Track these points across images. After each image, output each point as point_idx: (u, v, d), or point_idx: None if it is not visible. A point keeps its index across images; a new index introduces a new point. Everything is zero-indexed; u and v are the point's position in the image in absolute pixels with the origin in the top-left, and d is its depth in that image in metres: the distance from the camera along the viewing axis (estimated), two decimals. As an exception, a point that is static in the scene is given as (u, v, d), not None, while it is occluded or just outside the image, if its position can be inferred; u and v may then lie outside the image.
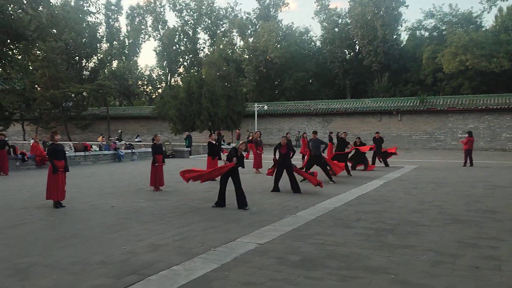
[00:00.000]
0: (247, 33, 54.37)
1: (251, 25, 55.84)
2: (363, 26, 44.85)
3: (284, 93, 48.20)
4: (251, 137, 19.34)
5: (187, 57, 59.65)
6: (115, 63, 57.75)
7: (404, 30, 48.89)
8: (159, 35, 59.01)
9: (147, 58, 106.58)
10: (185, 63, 59.64)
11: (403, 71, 45.62)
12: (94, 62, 56.62)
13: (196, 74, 39.06)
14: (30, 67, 36.22)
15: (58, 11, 16.21)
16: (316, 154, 12.62)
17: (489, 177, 14.08)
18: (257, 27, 52.64)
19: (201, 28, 59.10)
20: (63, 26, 15.38)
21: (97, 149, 22.61)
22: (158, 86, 61.31)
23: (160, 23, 59.44)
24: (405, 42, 48.23)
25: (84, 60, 54.63)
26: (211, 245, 5.76)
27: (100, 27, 55.38)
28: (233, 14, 57.60)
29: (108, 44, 58.07)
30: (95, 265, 4.94)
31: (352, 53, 50.70)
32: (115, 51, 57.82)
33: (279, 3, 55.12)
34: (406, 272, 4.68)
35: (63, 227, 6.94)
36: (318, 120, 37.43)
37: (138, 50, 60.64)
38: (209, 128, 34.47)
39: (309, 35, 54.91)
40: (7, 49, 13.00)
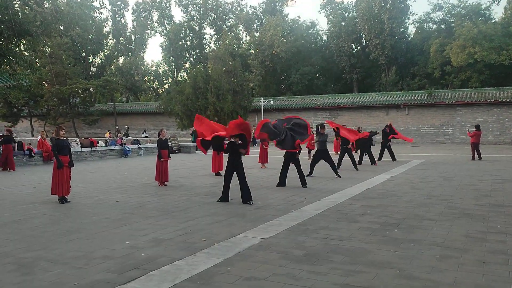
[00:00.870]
0: (253, 28, 54.15)
1: (257, 20, 55.60)
2: (370, 20, 44.43)
3: (291, 88, 48.01)
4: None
5: (193, 53, 59.61)
6: (122, 59, 57.93)
7: (412, 23, 48.37)
8: (165, 31, 58.98)
9: (153, 54, 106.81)
10: (191, 59, 59.62)
11: (411, 65, 45.19)
12: (101, 58, 56.85)
13: (202, 69, 39.00)
14: (38, 64, 36.39)
15: (63, 7, 16.26)
16: (323, 149, 12.55)
17: (498, 171, 13.90)
18: (263, 22, 52.41)
19: (207, 23, 58.98)
20: (68, 22, 15.41)
21: (104, 145, 22.68)
22: (165, 82, 61.41)
23: (166, 19, 59.40)
24: (413, 35, 47.73)
25: (91, 56, 54.87)
26: (215, 240, 5.72)
27: (107, 23, 55.57)
28: (239, 9, 57.39)
29: (115, 40, 58.21)
30: (98, 260, 4.93)
31: (359, 47, 50.32)
32: (122, 47, 57.96)
33: (285, -3, 54.82)
34: (412, 267, 4.61)
35: (68, 222, 6.95)
36: (325, 115, 37.23)
37: (144, 46, 60.76)
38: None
39: (316, 29, 54.59)
40: (13, 45, 13.05)
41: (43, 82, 40.77)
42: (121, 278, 4.33)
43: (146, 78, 58.48)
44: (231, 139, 8.71)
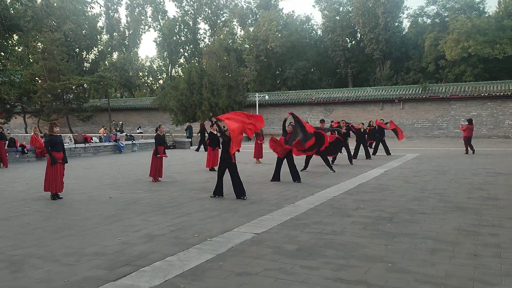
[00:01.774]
0: (248, 23, 53.94)
1: (252, 14, 55.38)
2: (365, 14, 44.37)
3: (286, 83, 47.94)
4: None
5: (188, 48, 59.33)
6: (116, 55, 57.53)
7: (406, 17, 48.37)
8: (159, 26, 58.64)
9: (148, 49, 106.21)
10: (186, 54, 59.34)
11: (405, 59, 45.22)
12: (95, 54, 56.44)
13: (197, 65, 38.81)
14: (30, 59, 36.08)
15: (55, 2, 16.05)
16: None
17: (492, 164, 13.96)
18: (258, 16, 52.20)
19: (201, 18, 58.67)
20: (60, 17, 15.25)
21: (98, 141, 22.56)
22: (159, 77, 61.13)
23: (160, 14, 59.04)
24: (407, 30, 47.74)
25: (85, 52, 54.47)
26: (207, 235, 5.69)
27: (100, 18, 55.12)
28: (233, 4, 57.15)
29: (108, 36, 57.79)
30: (90, 256, 4.89)
31: (354, 41, 50.27)
32: (115, 43, 57.57)
33: (280, -8, 54.61)
34: (404, 261, 4.61)
35: (60, 219, 6.89)
36: (320, 110, 37.23)
37: (138, 41, 60.38)
38: (210, 119, 34.36)
39: (310, 24, 54.46)
40: (3, 40, 12.89)
41: (36, 78, 40.44)
42: (112, 275, 4.29)
43: (141, 74, 58.18)
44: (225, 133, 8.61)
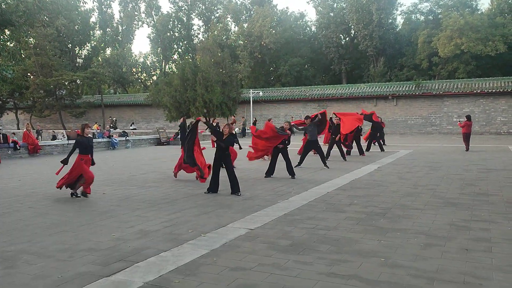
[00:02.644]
0: (242, 19, 53.80)
1: (246, 10, 55.24)
2: (359, 10, 44.43)
3: (280, 79, 47.94)
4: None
5: (181, 44, 59.09)
6: (109, 50, 57.18)
7: (400, 14, 48.61)
8: (153, 22, 58.32)
9: (141, 45, 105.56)
10: (179, 50, 59.11)
11: (399, 56, 45.38)
12: (88, 50, 56.02)
13: (191, 61, 38.68)
14: (22, 55, 35.73)
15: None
16: (313, 139, 12.60)
17: (483, 161, 14.08)
18: (252, 13, 52.09)
19: (195, 14, 58.44)
20: (52, 12, 15.14)
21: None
22: (153, 73, 60.84)
23: (154, 9, 58.71)
24: (401, 26, 47.91)
25: (77, 48, 54.03)
26: (202, 231, 5.71)
27: (93, 14, 54.72)
28: (227, 0, 56.96)
29: (101, 31, 57.40)
30: (83, 252, 4.88)
31: (348, 38, 50.35)
32: (109, 38, 57.20)
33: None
34: (397, 256, 4.65)
35: (53, 215, 6.86)
36: (314, 106, 37.29)
37: (132, 37, 60.05)
38: (204, 115, 34.30)
39: (304, 20, 54.46)
40: (-5, 36, 12.83)
41: (28, 74, 40.08)
42: (106, 270, 4.29)
43: (134, 70, 57.86)
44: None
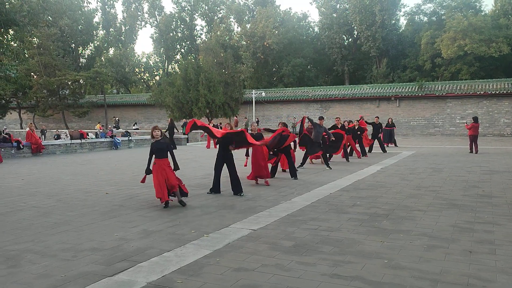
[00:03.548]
0: (245, 19, 53.83)
1: (249, 11, 55.27)
2: (362, 11, 44.40)
3: (282, 80, 47.94)
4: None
5: (184, 44, 59.16)
6: (112, 50, 57.28)
7: (403, 15, 48.51)
8: (156, 22, 58.40)
9: (144, 45, 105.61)
10: (182, 50, 59.17)
11: (402, 57, 45.33)
12: (91, 50, 56.16)
13: (193, 61, 38.72)
14: (26, 54, 35.85)
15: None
16: (317, 141, 12.56)
17: (487, 162, 14.04)
18: (255, 13, 52.11)
19: (198, 15, 58.50)
20: (56, 12, 15.20)
21: (94, 137, 22.51)
22: (155, 73, 60.94)
23: (157, 10, 58.80)
24: (404, 27, 47.86)
25: (81, 48, 54.18)
26: (204, 232, 5.71)
27: (96, 14, 54.85)
28: (230, 0, 56.99)
29: (105, 31, 57.53)
30: (86, 252, 4.89)
31: (351, 39, 50.32)
32: (112, 38, 57.32)
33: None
34: (400, 257, 4.64)
35: (56, 214, 6.88)
36: (316, 107, 37.28)
37: (135, 37, 60.16)
38: (207, 115, 34.36)
39: (307, 21, 54.47)
40: (-1, 36, 12.89)
41: (32, 74, 40.22)
42: (109, 270, 4.30)
43: (137, 70, 57.99)
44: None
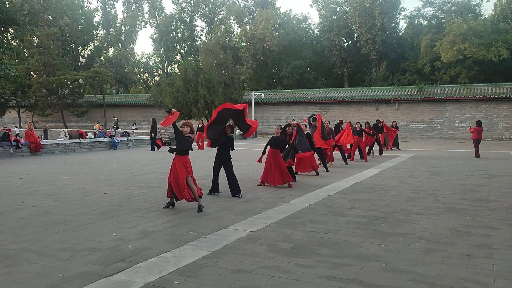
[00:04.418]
0: (245, 21, 53.90)
1: (249, 13, 55.34)
2: (362, 14, 44.50)
3: (282, 81, 47.99)
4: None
5: (184, 45, 59.18)
6: (112, 50, 57.26)
7: (403, 19, 48.59)
8: (156, 22, 58.43)
9: (144, 46, 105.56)
10: (182, 51, 59.19)
11: (401, 60, 45.42)
12: (90, 49, 56.15)
13: (193, 62, 38.75)
14: (25, 54, 35.87)
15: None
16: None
17: (485, 166, 14.06)
18: (255, 15, 52.16)
19: (198, 15, 58.54)
20: (56, 11, 15.22)
21: (92, 137, 22.50)
22: (155, 74, 60.93)
23: (157, 10, 58.85)
24: (404, 31, 47.94)
25: (80, 47, 54.18)
26: (202, 233, 5.71)
27: (96, 14, 54.85)
28: (231, 1, 57.07)
29: (105, 31, 57.53)
30: (84, 252, 4.89)
31: (350, 42, 50.40)
32: (112, 38, 57.30)
33: (277, -10, 54.60)
34: (398, 260, 4.65)
35: (55, 214, 6.87)
36: (316, 109, 37.31)
37: (135, 37, 60.14)
38: (206, 116, 34.34)
39: (307, 23, 54.58)
40: (-1, 34, 12.90)
41: (31, 73, 40.21)
42: (107, 270, 4.30)
43: (136, 70, 58.00)
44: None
